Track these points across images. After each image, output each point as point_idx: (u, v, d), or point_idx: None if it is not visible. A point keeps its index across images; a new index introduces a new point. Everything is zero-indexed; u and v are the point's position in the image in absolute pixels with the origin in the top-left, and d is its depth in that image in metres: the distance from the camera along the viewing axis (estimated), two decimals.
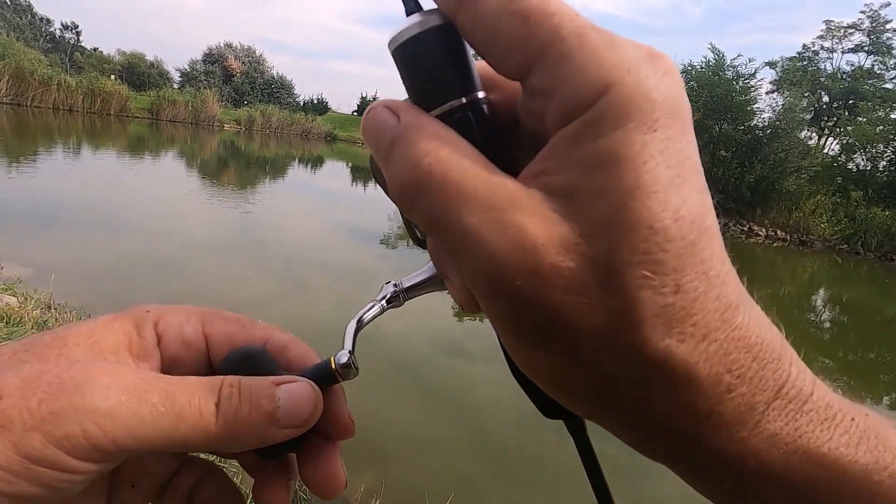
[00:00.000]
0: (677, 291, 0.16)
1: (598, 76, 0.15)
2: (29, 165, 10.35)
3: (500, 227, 0.16)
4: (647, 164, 0.15)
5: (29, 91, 22.30)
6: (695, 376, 0.17)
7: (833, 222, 15.11)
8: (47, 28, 44.77)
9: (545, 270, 0.16)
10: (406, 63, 0.19)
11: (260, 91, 41.11)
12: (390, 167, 0.18)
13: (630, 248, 0.15)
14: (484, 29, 0.17)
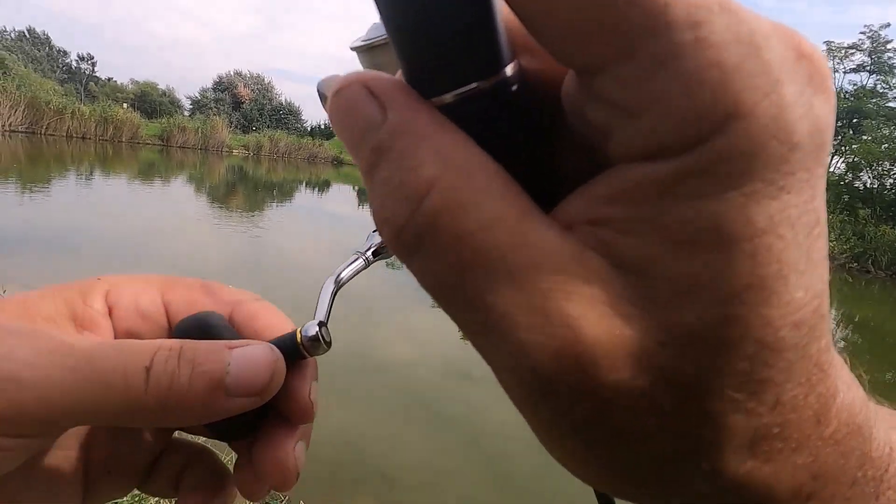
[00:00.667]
0: (774, 408, 0.12)
1: (720, 98, 0.10)
2: (40, 192, 10.54)
3: (542, 320, 0.11)
4: (773, 248, 0.11)
5: (44, 120, 22.91)
6: (774, 494, 0.13)
7: (842, 241, 14.97)
8: (64, 59, 46.20)
9: (605, 391, 0.11)
10: (402, 25, 0.12)
11: (268, 117, 41.93)
12: (375, 192, 0.13)
13: (727, 369, 0.11)
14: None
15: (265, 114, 42.01)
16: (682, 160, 0.10)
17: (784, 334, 0.11)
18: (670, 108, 0.10)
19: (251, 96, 42.34)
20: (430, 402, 3.61)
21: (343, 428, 3.30)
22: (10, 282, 4.32)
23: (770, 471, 0.12)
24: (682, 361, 0.11)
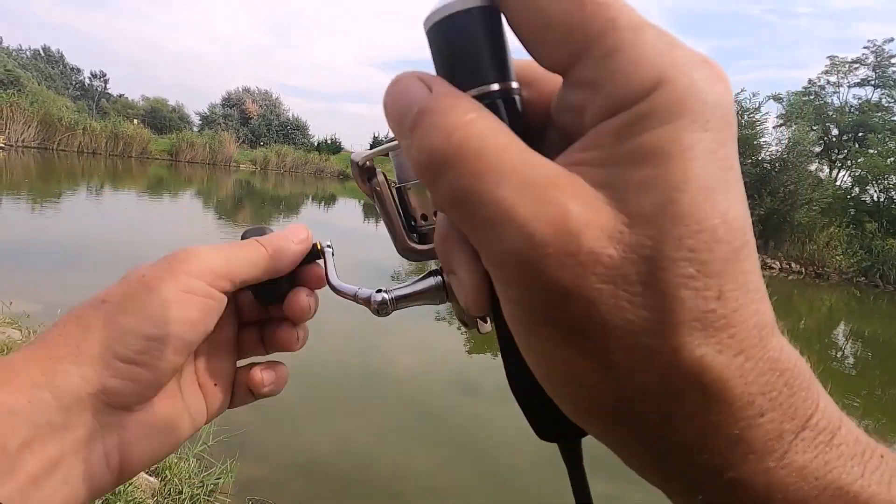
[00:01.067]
0: (719, 297, 0.15)
1: (653, 71, 0.15)
2: (50, 207, 10.69)
3: (540, 204, 0.15)
4: (697, 160, 0.15)
5: (56, 135, 23.30)
6: (728, 394, 0.15)
7: (849, 254, 14.85)
8: (77, 77, 47.12)
9: (585, 255, 0.15)
10: (441, 41, 0.18)
11: (275, 132, 42.39)
12: (416, 136, 0.17)
13: (676, 242, 0.15)
14: (535, 13, 0.16)
15: (273, 129, 42.50)
16: (631, 111, 0.15)
17: (716, 224, 0.15)
18: (622, 78, 0.15)
19: (259, 112, 42.90)
20: (436, 416, 3.60)
21: (349, 441, 3.29)
22: (18, 296, 4.38)
23: (723, 363, 0.15)
24: (642, 234, 0.15)
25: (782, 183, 15.38)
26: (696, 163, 0.15)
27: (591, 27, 0.15)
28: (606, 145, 0.15)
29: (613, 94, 0.15)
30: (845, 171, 21.17)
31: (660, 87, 0.15)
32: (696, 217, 0.15)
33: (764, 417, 0.16)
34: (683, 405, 0.15)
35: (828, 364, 7.55)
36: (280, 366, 0.40)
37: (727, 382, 0.15)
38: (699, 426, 0.15)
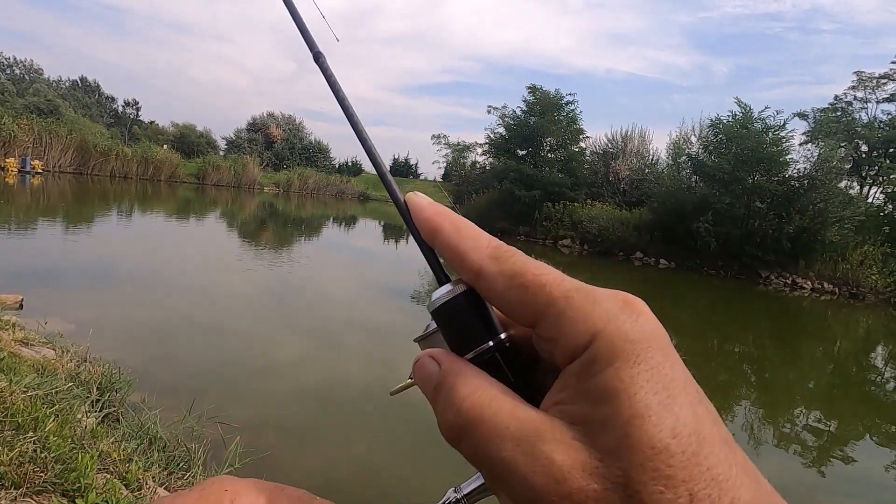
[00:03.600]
0: (692, 500, 0.18)
1: (587, 328, 0.19)
2: (84, 229, 11.08)
3: (532, 459, 0.19)
4: (637, 394, 0.18)
5: (90, 161, 24.31)
6: None
7: (885, 274, 14.31)
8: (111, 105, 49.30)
9: (576, 493, 0.18)
10: (442, 320, 0.23)
11: (298, 155, 43.39)
12: (438, 411, 0.22)
13: (640, 468, 0.18)
14: (496, 296, 0.22)
15: (295, 152, 43.55)
16: (581, 358, 0.19)
17: (667, 443, 0.18)
18: (568, 336, 0.20)
19: (282, 136, 44.07)
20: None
21: (365, 462, 3.25)
22: (53, 315, 4.51)
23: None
24: (613, 466, 0.18)
25: (811, 201, 14.99)
26: (638, 396, 0.18)
27: (537, 302, 0.21)
28: (572, 385, 0.20)
29: (566, 347, 0.20)
30: (877, 188, 20.56)
31: (595, 339, 0.19)
32: (649, 444, 0.18)
33: None
34: None
35: (867, 389, 7.21)
36: None
37: None
38: None
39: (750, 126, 15.95)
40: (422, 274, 10.99)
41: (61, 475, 1.82)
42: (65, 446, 1.98)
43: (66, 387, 2.65)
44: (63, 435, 2.06)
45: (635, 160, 23.19)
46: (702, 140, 18.26)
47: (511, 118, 22.34)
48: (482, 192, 22.74)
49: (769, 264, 15.27)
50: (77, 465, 1.87)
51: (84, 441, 2.13)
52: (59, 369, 2.94)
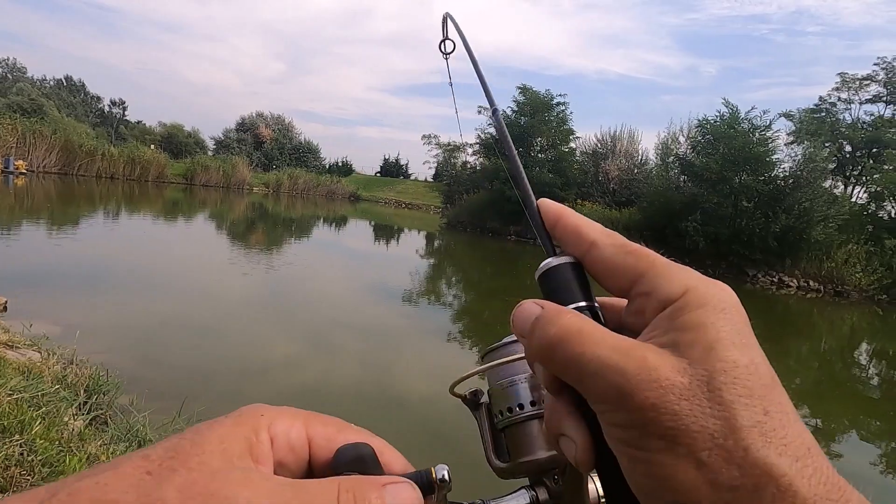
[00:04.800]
0: (766, 413, 0.20)
1: (681, 283, 0.23)
2: (70, 231, 10.91)
3: (628, 356, 0.22)
4: (723, 328, 0.22)
5: (76, 161, 23.95)
6: (798, 490, 0.19)
7: (868, 272, 14.55)
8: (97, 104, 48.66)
9: (664, 382, 0.21)
10: (549, 282, 0.27)
11: (288, 155, 43.12)
12: (535, 334, 0.25)
13: (723, 373, 0.21)
14: (604, 263, 0.26)
15: (285, 152, 43.28)
16: (674, 305, 0.23)
17: (748, 363, 0.21)
18: (666, 288, 0.24)
19: (272, 136, 43.78)
20: (447, 437, 3.54)
21: None
22: (38, 318, 4.44)
23: (786, 464, 0.20)
24: (700, 369, 0.21)
25: (797, 200, 15.20)
26: (722, 330, 0.22)
27: (641, 264, 0.25)
28: (663, 326, 0.23)
29: (661, 296, 0.23)
30: (860, 188, 20.93)
31: (689, 291, 0.23)
32: (731, 358, 0.21)
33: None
34: (766, 496, 0.19)
35: (850, 386, 7.33)
36: None
37: (794, 481, 0.19)
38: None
39: (737, 126, 16.15)
40: (412, 273, 10.98)
41: (49, 478, 1.79)
42: (52, 449, 1.95)
43: (52, 389, 2.62)
44: (50, 438, 2.03)
45: (624, 160, 23.36)
46: (690, 140, 18.45)
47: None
48: (473, 192, 22.76)
49: (756, 263, 15.46)
50: (65, 468, 1.84)
51: (71, 444, 2.10)
52: (45, 372, 2.89)
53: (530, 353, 0.26)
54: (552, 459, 0.33)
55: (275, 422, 0.28)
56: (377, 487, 0.26)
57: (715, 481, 0.20)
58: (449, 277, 12.02)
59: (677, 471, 0.20)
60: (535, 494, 0.34)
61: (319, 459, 0.29)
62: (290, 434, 0.28)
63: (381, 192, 41.22)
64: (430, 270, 12.57)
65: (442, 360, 5.55)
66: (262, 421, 0.27)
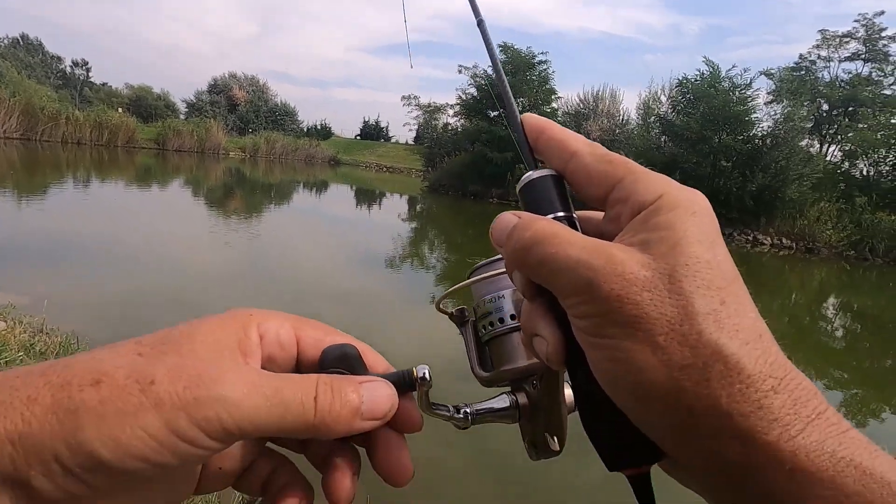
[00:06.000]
0: (723, 303, 0.22)
1: (656, 188, 0.25)
2: (37, 199, 10.52)
3: (596, 252, 0.24)
4: (691, 228, 0.24)
5: (38, 126, 22.81)
6: (744, 367, 0.21)
7: (839, 229, 14.97)
8: (58, 65, 45.97)
9: (628, 275, 0.23)
10: (529, 193, 0.28)
11: (264, 119, 41.74)
12: (512, 238, 0.26)
13: (684, 266, 0.23)
14: (584, 170, 0.27)
15: (261, 115, 41.87)
16: (649, 209, 0.25)
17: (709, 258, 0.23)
18: (641, 193, 0.25)
19: (246, 98, 42.20)
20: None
21: None
22: (4, 288, 4.32)
23: (735, 346, 0.22)
24: (662, 263, 0.23)
25: (774, 159, 15.37)
26: (690, 230, 0.23)
27: (618, 171, 0.26)
28: (636, 228, 0.24)
29: (636, 202, 0.25)
30: (835, 146, 21.25)
31: (663, 196, 0.24)
32: (694, 254, 0.23)
33: (777, 394, 0.21)
34: (713, 373, 0.21)
35: (818, 338, 7.66)
36: (309, 497, 0.31)
37: (740, 359, 0.21)
38: (728, 392, 0.21)
39: (718, 85, 16.08)
40: (395, 238, 10.94)
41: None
42: None
43: (17, 357, 2.58)
44: None
45: (606, 121, 23.20)
46: (671, 100, 18.37)
47: (483, 78, 21.92)
48: (455, 154, 22.49)
49: (732, 222, 15.75)
50: None
51: None
52: (10, 341, 2.85)
53: (508, 259, 0.27)
54: (531, 368, 0.35)
55: (264, 321, 0.29)
56: (354, 384, 0.28)
57: (668, 361, 0.22)
58: (431, 241, 12.01)
59: (635, 353, 0.22)
60: (515, 399, 0.36)
61: (307, 360, 0.30)
62: (280, 333, 0.29)
63: (361, 155, 40.42)
64: (412, 235, 12.53)
65: (426, 323, 5.60)
66: (251, 319, 0.29)
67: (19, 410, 0.21)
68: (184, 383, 0.23)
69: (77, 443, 0.21)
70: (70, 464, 0.21)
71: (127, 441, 0.22)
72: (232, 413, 0.23)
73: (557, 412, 0.34)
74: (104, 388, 0.22)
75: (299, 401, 0.25)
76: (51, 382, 0.22)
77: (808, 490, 0.21)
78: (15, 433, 0.21)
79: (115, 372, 0.23)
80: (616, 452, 0.25)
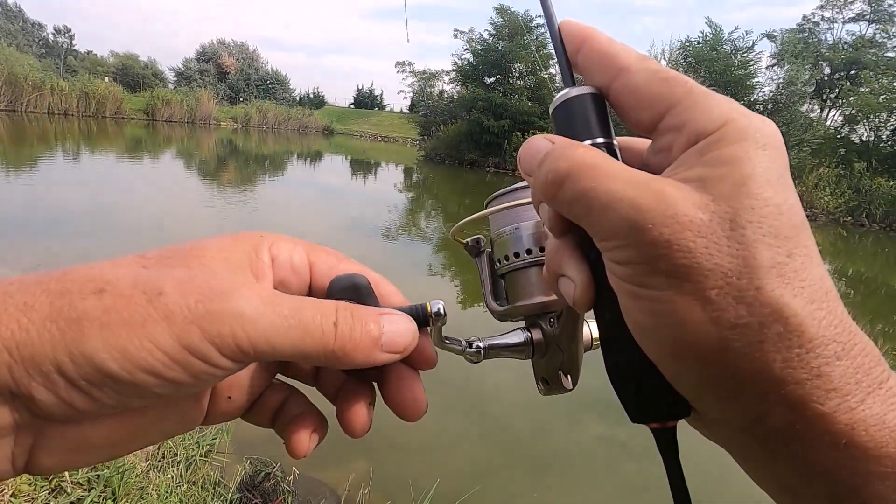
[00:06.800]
0: (789, 255, 0.19)
1: (721, 114, 0.21)
2: (26, 172, 10.34)
3: (644, 189, 0.20)
4: (760, 164, 0.20)
5: (23, 97, 22.24)
6: (805, 330, 0.19)
7: (836, 195, 14.93)
8: (40, 33, 44.59)
9: (681, 217, 0.19)
10: (564, 114, 0.25)
11: (255, 87, 40.84)
12: (544, 166, 0.23)
13: (750, 210, 0.19)
14: (632, 91, 0.23)
15: (252, 84, 40.93)
16: (709, 138, 0.21)
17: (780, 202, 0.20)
18: (702, 118, 0.21)
19: (236, 66, 41.13)
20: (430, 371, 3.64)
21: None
22: None
23: (798, 304, 0.19)
24: (724, 206, 0.19)
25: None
26: (759, 166, 0.20)
27: (675, 92, 0.22)
28: (691, 161, 0.21)
29: (695, 129, 0.21)
30: (836, 111, 20.97)
31: (728, 124, 0.20)
32: (762, 196, 0.19)
33: (840, 361, 0.19)
34: (770, 334, 0.19)
35: None
36: (323, 428, 0.30)
37: (803, 320, 0.19)
38: (784, 357, 0.19)
39: (719, 48, 15.74)
40: (391, 209, 10.86)
41: None
42: None
43: None
44: None
45: None
46: (671, 64, 17.99)
47: (478, 42, 21.36)
48: (451, 122, 22.12)
49: None
50: None
51: None
52: None
53: (536, 190, 0.24)
54: (548, 304, 0.34)
55: (276, 243, 0.28)
56: (375, 315, 0.26)
57: (719, 319, 0.19)
58: (428, 211, 11.94)
59: (680, 307, 0.20)
60: (530, 335, 0.35)
61: (319, 287, 0.28)
62: (293, 256, 0.28)
63: (355, 124, 39.77)
64: (408, 205, 12.45)
65: (424, 291, 5.61)
66: (263, 240, 0.27)
67: (15, 317, 0.20)
68: (195, 297, 0.21)
69: (81, 353, 0.20)
70: (74, 375, 0.20)
71: (136, 352, 0.20)
72: (247, 330, 0.22)
73: (574, 351, 0.32)
74: (107, 297, 0.21)
75: (318, 323, 0.24)
76: (48, 290, 0.21)
77: (865, 466, 0.19)
78: (11, 340, 0.19)
79: (119, 281, 0.21)
80: (642, 404, 0.23)
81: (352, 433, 0.28)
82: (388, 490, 2.21)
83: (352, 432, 0.28)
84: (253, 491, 2.09)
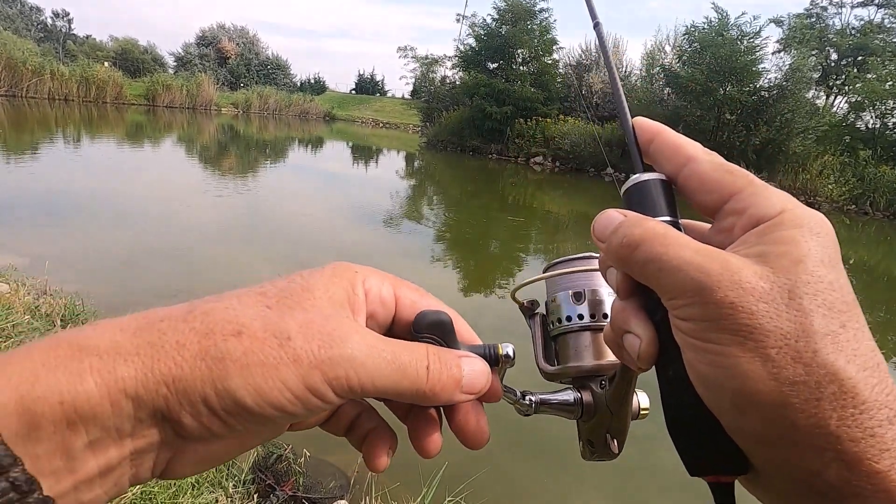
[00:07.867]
0: (843, 326, 0.21)
1: (780, 203, 0.24)
2: (28, 158, 10.32)
3: (710, 257, 0.23)
4: (815, 248, 0.22)
5: (23, 82, 22.10)
6: (859, 392, 0.20)
7: (841, 183, 14.83)
8: (38, 17, 44.12)
9: (745, 284, 0.22)
10: (637, 194, 0.28)
11: (256, 73, 40.50)
12: (619, 233, 0.26)
13: (807, 284, 0.22)
14: (699, 177, 0.26)
15: (252, 69, 40.60)
16: (768, 223, 0.24)
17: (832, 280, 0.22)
18: (762, 205, 0.24)
19: (237, 51, 40.76)
20: None
21: None
22: (4, 249, 4.30)
23: (852, 370, 0.21)
24: (783, 278, 0.22)
25: (779, 111, 15.00)
26: (814, 249, 0.22)
27: (738, 183, 0.25)
28: (752, 241, 0.24)
29: (756, 214, 0.24)
30: (842, 98, 20.75)
31: (785, 212, 0.24)
32: (817, 273, 0.22)
33: (893, 426, 0.20)
34: (826, 393, 0.20)
35: None
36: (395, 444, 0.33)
37: (857, 384, 0.20)
38: (840, 415, 0.20)
39: (725, 33, 15.51)
40: (393, 195, 10.84)
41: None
42: None
43: (24, 320, 2.58)
44: None
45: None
46: (676, 49, 17.77)
47: (481, 27, 21.10)
48: (453, 108, 21.95)
49: None
50: None
51: None
52: (15, 303, 2.84)
53: (609, 254, 0.27)
54: (600, 367, 0.35)
55: (368, 278, 0.30)
56: (456, 358, 0.29)
57: (778, 375, 0.21)
58: (430, 198, 11.92)
59: (743, 361, 0.21)
60: (580, 395, 0.36)
61: (402, 319, 0.31)
62: (382, 290, 0.31)
63: (356, 110, 39.48)
64: (410, 191, 12.42)
65: (426, 279, 5.62)
66: (357, 277, 0.30)
67: (171, 355, 0.23)
68: (318, 342, 0.25)
69: (224, 389, 0.23)
70: (216, 406, 0.24)
71: (269, 391, 0.24)
72: (359, 373, 0.25)
73: (624, 415, 0.34)
74: (245, 339, 0.24)
75: (414, 367, 0.27)
76: (195, 329, 0.24)
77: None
78: (169, 376, 0.23)
79: (252, 324, 0.25)
80: (701, 458, 0.24)
81: (426, 455, 0.31)
82: (397, 473, 2.25)
83: (426, 455, 0.31)
84: (265, 472, 2.14)
